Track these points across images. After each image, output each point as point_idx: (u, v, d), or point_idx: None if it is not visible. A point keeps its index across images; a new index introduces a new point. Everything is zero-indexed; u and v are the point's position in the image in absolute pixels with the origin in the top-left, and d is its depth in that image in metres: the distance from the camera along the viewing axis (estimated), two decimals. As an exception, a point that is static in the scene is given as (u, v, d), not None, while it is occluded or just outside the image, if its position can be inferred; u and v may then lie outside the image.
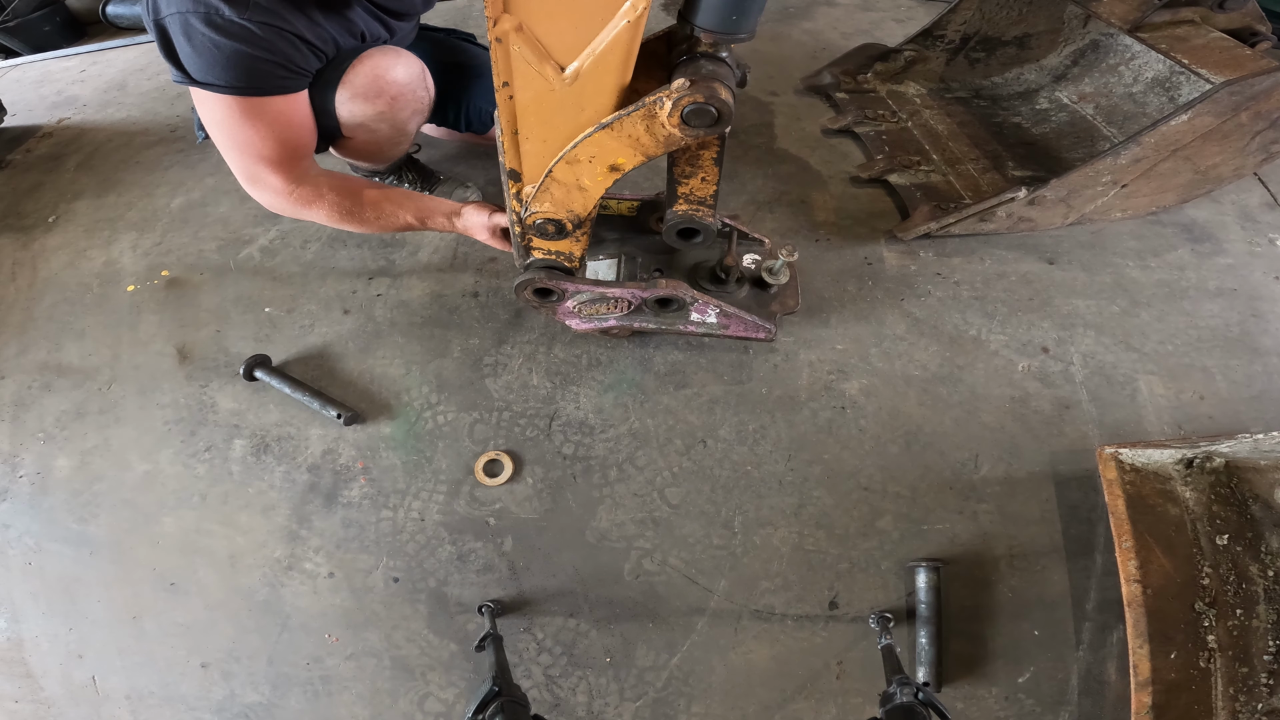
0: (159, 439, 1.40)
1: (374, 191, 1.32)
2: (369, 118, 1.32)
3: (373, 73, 1.28)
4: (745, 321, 1.28)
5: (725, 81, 0.80)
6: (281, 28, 1.09)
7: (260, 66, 1.10)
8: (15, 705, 1.21)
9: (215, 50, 1.05)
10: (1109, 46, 1.67)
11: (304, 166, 1.26)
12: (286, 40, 1.11)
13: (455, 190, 1.73)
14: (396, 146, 1.48)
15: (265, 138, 1.17)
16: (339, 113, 1.30)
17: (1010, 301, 1.44)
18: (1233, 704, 0.98)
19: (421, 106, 1.41)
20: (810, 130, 1.86)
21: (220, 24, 1.03)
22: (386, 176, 1.67)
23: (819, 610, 1.15)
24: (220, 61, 1.06)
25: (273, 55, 1.10)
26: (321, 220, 1.29)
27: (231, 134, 1.17)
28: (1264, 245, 1.53)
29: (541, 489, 1.28)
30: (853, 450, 1.27)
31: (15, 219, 1.89)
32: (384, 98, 1.31)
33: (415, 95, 1.37)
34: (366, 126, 1.34)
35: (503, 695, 0.83)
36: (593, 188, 0.94)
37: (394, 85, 1.31)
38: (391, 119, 1.36)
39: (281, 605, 1.22)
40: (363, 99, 1.29)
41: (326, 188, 1.27)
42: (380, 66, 1.29)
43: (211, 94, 1.11)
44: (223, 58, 1.06)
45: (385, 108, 1.32)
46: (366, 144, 1.41)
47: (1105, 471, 1.08)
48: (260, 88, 1.12)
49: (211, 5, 1.02)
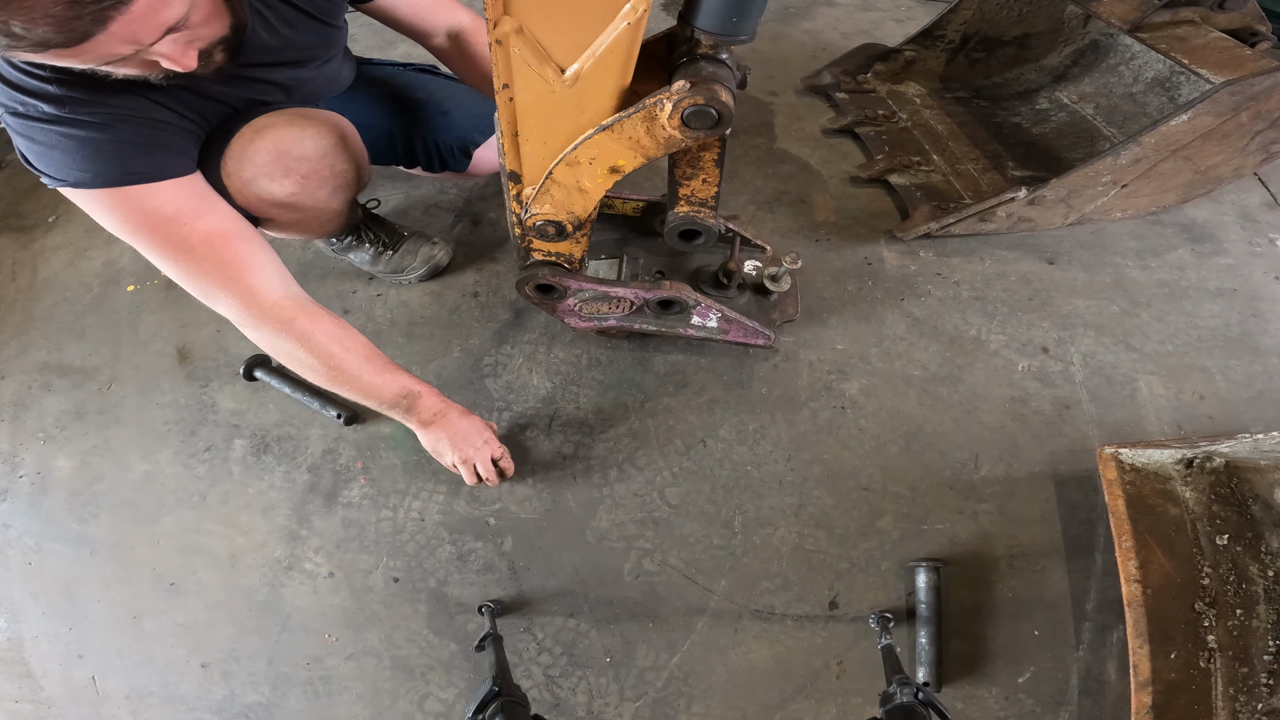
0: (159, 439, 1.40)
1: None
2: (278, 199, 1.10)
3: (274, 148, 1.05)
4: (746, 327, 1.28)
5: (725, 83, 0.80)
6: (118, 113, 0.90)
7: (118, 151, 0.90)
8: (15, 705, 1.21)
9: (59, 142, 0.88)
10: (1109, 46, 1.67)
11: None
12: (134, 123, 0.91)
13: (422, 247, 1.52)
14: (330, 224, 1.29)
15: (157, 224, 0.97)
16: (236, 199, 1.06)
17: (1010, 301, 1.45)
18: (1233, 704, 0.98)
19: (345, 180, 1.19)
20: (810, 130, 1.85)
21: (43, 118, 0.86)
22: (345, 238, 1.45)
23: (819, 610, 1.15)
24: (74, 152, 0.88)
25: (127, 140, 0.91)
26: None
27: (123, 232, 0.97)
28: (1264, 245, 1.53)
29: (541, 489, 1.28)
30: (853, 450, 1.27)
31: (15, 219, 1.88)
32: (293, 177, 1.09)
33: (335, 169, 1.14)
34: (281, 208, 1.13)
35: (503, 695, 0.83)
36: (593, 189, 0.94)
37: (303, 162, 1.09)
38: (309, 199, 1.14)
39: (281, 605, 1.22)
40: (267, 179, 1.07)
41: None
42: (283, 140, 1.06)
43: (80, 192, 0.92)
44: (74, 148, 0.88)
45: (296, 188, 1.10)
46: (290, 228, 1.22)
47: (1105, 471, 1.09)
48: (129, 175, 0.92)
49: (26, 102, 0.85)
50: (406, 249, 1.52)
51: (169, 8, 0.76)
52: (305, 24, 1.08)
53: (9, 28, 0.66)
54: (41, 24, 0.66)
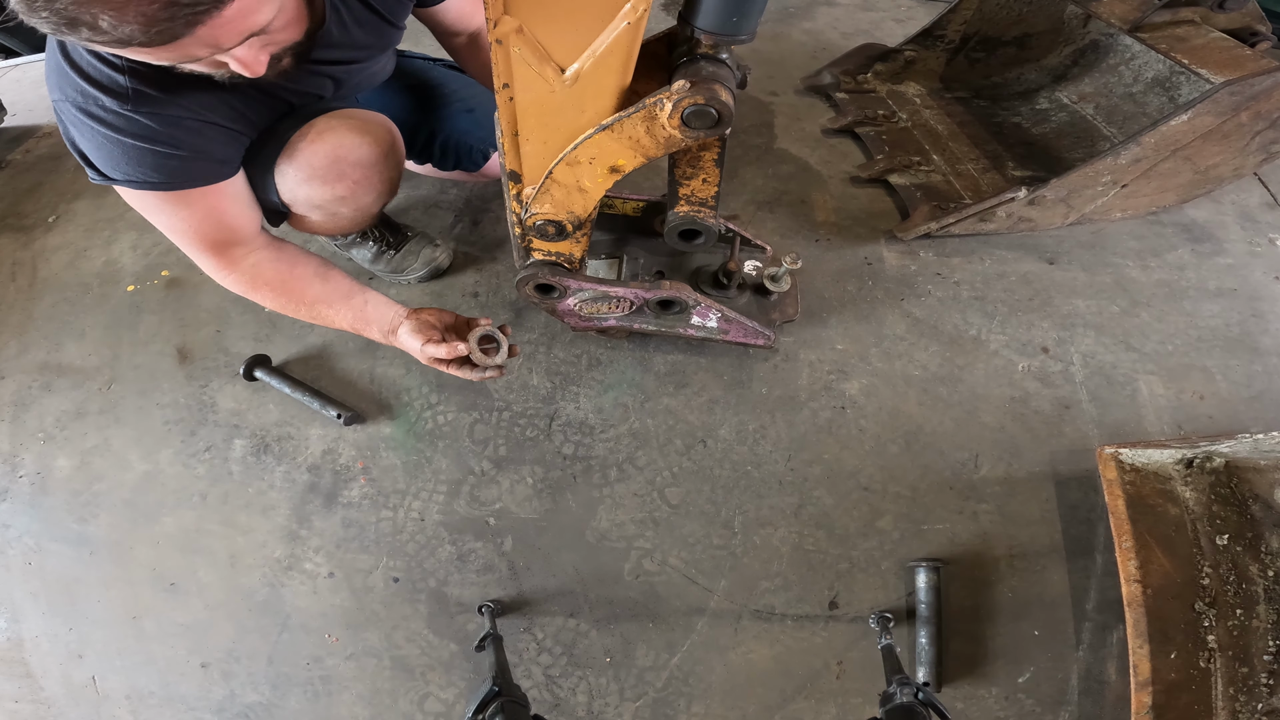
0: (159, 439, 1.41)
1: (316, 289, 1.14)
2: (327, 202, 1.13)
3: (333, 153, 1.08)
4: (746, 327, 1.28)
5: (725, 83, 0.79)
6: (179, 117, 0.92)
7: (167, 162, 0.94)
8: (15, 705, 1.21)
9: (111, 145, 0.90)
10: (1109, 46, 1.67)
11: (236, 254, 1.10)
12: (188, 130, 0.94)
13: (424, 249, 1.53)
14: (360, 225, 1.33)
15: (189, 226, 1.03)
16: (286, 197, 1.11)
17: (1010, 301, 1.45)
18: (1233, 704, 0.98)
19: (391, 187, 1.22)
20: (810, 130, 1.85)
21: (104, 118, 0.88)
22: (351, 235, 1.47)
23: (819, 610, 1.15)
24: (121, 157, 0.91)
25: (180, 149, 0.93)
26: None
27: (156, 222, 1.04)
28: (1264, 245, 1.53)
29: (541, 489, 1.28)
30: (853, 450, 1.27)
31: (15, 219, 1.88)
32: (345, 181, 1.11)
33: (383, 176, 1.17)
34: (325, 210, 1.16)
35: (503, 695, 0.83)
36: (593, 189, 0.94)
37: (357, 168, 1.11)
38: (354, 203, 1.17)
39: (281, 605, 1.22)
40: (320, 182, 1.09)
41: (262, 281, 1.12)
42: (342, 145, 1.09)
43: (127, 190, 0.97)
44: (121, 153, 0.91)
45: (346, 192, 1.13)
46: (324, 225, 1.25)
47: (1105, 471, 1.09)
48: (175, 182, 0.96)
49: (89, 94, 0.86)
50: (409, 249, 1.53)
51: (258, 13, 0.76)
52: (373, 23, 1.09)
53: (96, 21, 0.65)
54: (131, 22, 0.66)
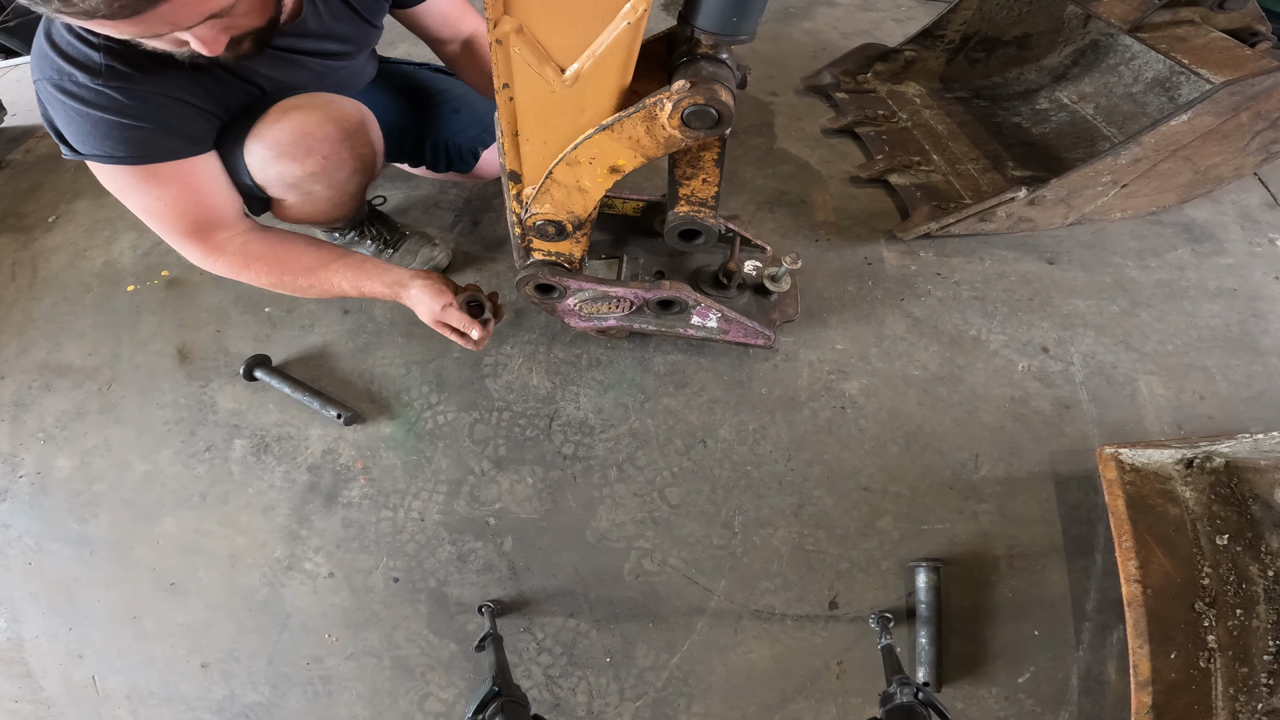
0: (159, 439, 1.41)
1: (311, 256, 1.15)
2: (299, 179, 1.13)
3: (299, 128, 1.08)
4: (746, 327, 1.28)
5: (725, 83, 0.79)
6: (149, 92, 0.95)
7: (135, 135, 0.96)
8: (15, 705, 1.21)
9: (82, 119, 0.94)
10: (1109, 46, 1.67)
11: (220, 238, 1.10)
12: (156, 105, 0.96)
13: (422, 248, 1.53)
14: (342, 209, 1.30)
15: (164, 205, 1.03)
16: (257, 176, 1.11)
17: (1010, 301, 1.45)
18: (1233, 704, 0.98)
19: (364, 164, 1.21)
20: (810, 130, 1.85)
21: (76, 92, 0.92)
22: (348, 233, 1.48)
23: (819, 610, 1.15)
24: (90, 131, 0.94)
25: (147, 122, 0.96)
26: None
27: (133, 204, 1.04)
28: (1264, 245, 1.53)
29: (541, 489, 1.28)
30: (853, 450, 1.27)
31: (15, 219, 1.88)
32: (314, 157, 1.11)
33: (355, 152, 1.16)
34: (298, 189, 1.16)
35: (503, 695, 0.83)
36: (593, 189, 0.94)
37: (325, 143, 1.11)
38: (328, 180, 1.17)
39: (281, 605, 1.22)
40: (289, 159, 1.10)
41: (254, 257, 1.12)
42: (309, 121, 1.09)
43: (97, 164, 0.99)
44: (90, 127, 0.94)
45: (317, 168, 1.13)
46: (304, 208, 1.23)
47: (1105, 471, 1.09)
48: (143, 155, 0.98)
49: (65, 71, 0.91)
50: (407, 249, 1.53)
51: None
52: (350, 19, 1.15)
53: None
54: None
